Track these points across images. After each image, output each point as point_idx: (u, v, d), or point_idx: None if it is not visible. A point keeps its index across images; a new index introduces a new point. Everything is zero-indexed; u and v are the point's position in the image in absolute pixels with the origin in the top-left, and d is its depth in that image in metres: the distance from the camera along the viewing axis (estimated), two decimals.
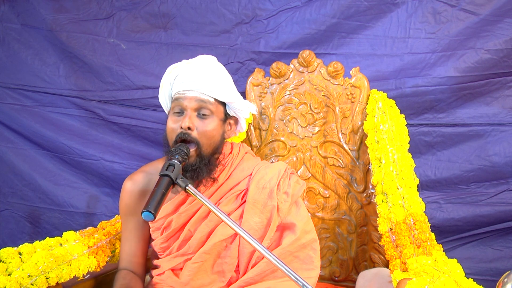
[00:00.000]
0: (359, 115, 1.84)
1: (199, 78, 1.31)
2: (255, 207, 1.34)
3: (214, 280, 1.34)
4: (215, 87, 1.31)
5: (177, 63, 1.38)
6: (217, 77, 1.33)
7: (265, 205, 1.33)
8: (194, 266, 1.32)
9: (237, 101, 1.36)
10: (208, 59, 1.39)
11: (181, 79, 1.32)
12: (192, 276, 1.32)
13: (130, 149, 2.48)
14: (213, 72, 1.34)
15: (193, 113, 1.30)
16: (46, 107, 2.52)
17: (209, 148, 1.32)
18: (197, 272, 1.32)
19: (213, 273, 1.34)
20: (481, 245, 2.16)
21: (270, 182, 1.35)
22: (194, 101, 1.29)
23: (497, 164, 2.09)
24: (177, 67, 1.36)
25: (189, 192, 1.11)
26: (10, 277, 1.23)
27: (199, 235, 1.34)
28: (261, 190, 1.35)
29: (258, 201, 1.34)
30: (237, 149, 1.46)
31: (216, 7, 2.28)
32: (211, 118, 1.31)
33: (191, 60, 1.38)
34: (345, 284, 1.85)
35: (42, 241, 1.40)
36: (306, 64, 1.89)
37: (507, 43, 2.00)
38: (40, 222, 2.61)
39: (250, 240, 1.04)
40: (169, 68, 1.38)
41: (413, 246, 1.30)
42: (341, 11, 2.14)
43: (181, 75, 1.33)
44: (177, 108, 1.31)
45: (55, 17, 2.43)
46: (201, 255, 1.32)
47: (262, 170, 1.39)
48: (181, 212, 1.36)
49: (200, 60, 1.37)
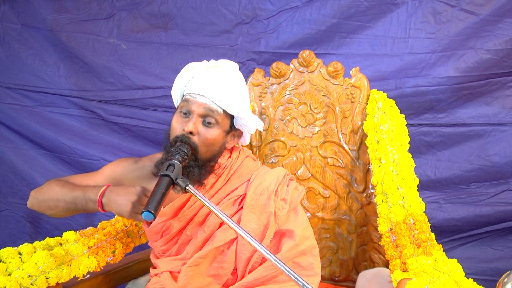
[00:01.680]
0: (359, 115, 1.84)
1: (213, 86, 1.28)
2: (253, 213, 1.33)
3: (210, 282, 1.34)
4: (227, 99, 1.28)
5: (197, 62, 1.35)
6: (231, 89, 1.30)
7: (262, 212, 1.32)
8: (189, 270, 1.31)
9: (247, 117, 1.33)
10: (229, 67, 1.35)
11: (195, 81, 1.30)
12: (189, 279, 1.32)
13: (130, 149, 2.48)
14: (229, 82, 1.31)
15: (198, 119, 1.28)
16: (46, 107, 2.52)
17: (206, 154, 1.30)
18: (193, 275, 1.32)
19: (209, 275, 1.33)
20: (481, 245, 2.16)
21: (268, 189, 1.34)
22: (202, 108, 1.28)
23: (497, 164, 2.09)
24: (195, 67, 1.33)
25: (189, 191, 1.11)
26: (10, 277, 1.23)
27: (196, 241, 1.33)
28: (259, 196, 1.33)
29: (255, 207, 1.33)
30: (236, 153, 1.43)
31: (216, 7, 2.28)
32: (215, 128, 1.30)
33: (212, 62, 1.35)
34: (345, 284, 1.85)
35: (42, 241, 1.40)
36: (306, 64, 1.89)
37: (507, 43, 2.00)
38: (40, 222, 2.62)
39: (251, 240, 1.03)
40: (188, 66, 1.35)
41: (413, 246, 1.30)
42: (341, 11, 2.14)
43: (196, 78, 1.31)
44: (185, 109, 1.29)
45: (56, 17, 2.43)
46: (196, 259, 1.31)
47: (261, 176, 1.37)
48: (180, 216, 1.35)
49: (220, 66, 1.34)
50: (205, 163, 1.30)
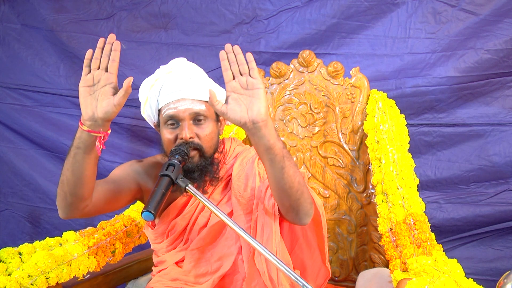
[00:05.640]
0: (359, 115, 1.84)
1: (187, 84, 1.30)
2: (239, 181, 1.35)
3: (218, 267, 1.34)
4: (203, 90, 1.31)
5: (155, 74, 1.35)
6: (199, 78, 1.34)
7: (247, 177, 1.34)
8: (193, 253, 1.33)
9: (221, 95, 1.36)
10: (183, 62, 1.38)
11: (167, 90, 1.30)
12: (194, 264, 1.33)
13: (130, 149, 2.48)
14: (195, 74, 1.34)
15: (189, 122, 1.30)
16: (46, 107, 2.52)
17: (210, 149, 1.33)
18: (198, 259, 1.33)
19: (216, 260, 1.34)
20: (481, 245, 2.16)
21: (252, 158, 1.38)
22: (188, 113, 1.29)
23: (497, 164, 2.08)
24: (158, 78, 1.33)
25: (189, 191, 1.11)
26: (10, 277, 1.23)
27: (197, 227, 1.36)
28: (244, 165, 1.37)
29: (241, 174, 1.35)
30: (228, 144, 1.46)
31: (216, 7, 2.28)
32: (207, 122, 1.32)
33: (168, 67, 1.36)
34: (345, 284, 1.85)
35: (42, 241, 1.40)
36: (306, 64, 1.89)
37: (507, 43, 2.00)
38: (40, 222, 2.61)
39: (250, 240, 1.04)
40: (149, 81, 1.34)
41: (413, 246, 1.30)
42: (341, 11, 2.14)
43: (166, 86, 1.31)
44: (172, 120, 1.30)
45: (56, 17, 2.43)
46: (198, 241, 1.33)
47: (246, 150, 1.43)
48: (185, 214, 1.37)
49: (177, 65, 1.36)
50: (211, 157, 1.33)
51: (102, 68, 1.14)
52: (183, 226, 1.37)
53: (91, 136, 1.12)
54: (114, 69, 1.14)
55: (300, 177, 1.16)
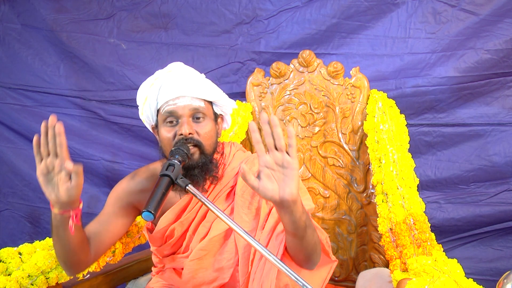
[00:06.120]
0: (359, 115, 1.84)
1: (186, 83, 1.31)
2: (244, 198, 1.34)
3: (216, 277, 1.34)
4: (203, 89, 1.33)
5: (154, 75, 1.37)
6: (199, 79, 1.36)
7: (254, 194, 1.33)
8: (192, 263, 1.32)
9: (221, 99, 1.38)
10: (181, 65, 1.40)
11: (167, 88, 1.31)
12: (193, 274, 1.33)
13: (130, 149, 2.48)
14: (194, 75, 1.36)
15: (189, 119, 1.30)
16: (46, 107, 2.52)
17: (210, 148, 1.33)
18: (197, 269, 1.32)
19: (214, 270, 1.34)
20: (481, 245, 2.16)
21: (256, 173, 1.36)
22: (188, 108, 1.30)
23: (497, 164, 2.08)
24: (158, 78, 1.35)
25: (189, 191, 1.11)
26: (10, 277, 1.23)
27: (198, 237, 1.34)
28: None
29: (244, 190, 1.34)
30: (228, 148, 1.46)
31: (216, 7, 2.28)
32: (206, 120, 1.32)
33: (167, 69, 1.38)
34: (345, 284, 1.85)
35: (42, 241, 1.40)
36: (306, 64, 1.89)
37: (507, 43, 2.00)
38: (40, 222, 2.61)
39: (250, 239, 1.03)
40: (149, 81, 1.36)
41: (413, 246, 1.30)
42: (341, 11, 2.14)
43: (166, 85, 1.32)
44: (171, 118, 1.30)
45: (56, 17, 2.43)
46: (198, 252, 1.32)
47: (250, 162, 1.41)
48: (183, 220, 1.36)
49: (176, 67, 1.38)
50: (211, 157, 1.33)
51: (52, 154, 1.14)
52: (181, 232, 1.36)
53: (64, 216, 1.17)
54: (64, 153, 1.13)
55: (316, 237, 1.18)
